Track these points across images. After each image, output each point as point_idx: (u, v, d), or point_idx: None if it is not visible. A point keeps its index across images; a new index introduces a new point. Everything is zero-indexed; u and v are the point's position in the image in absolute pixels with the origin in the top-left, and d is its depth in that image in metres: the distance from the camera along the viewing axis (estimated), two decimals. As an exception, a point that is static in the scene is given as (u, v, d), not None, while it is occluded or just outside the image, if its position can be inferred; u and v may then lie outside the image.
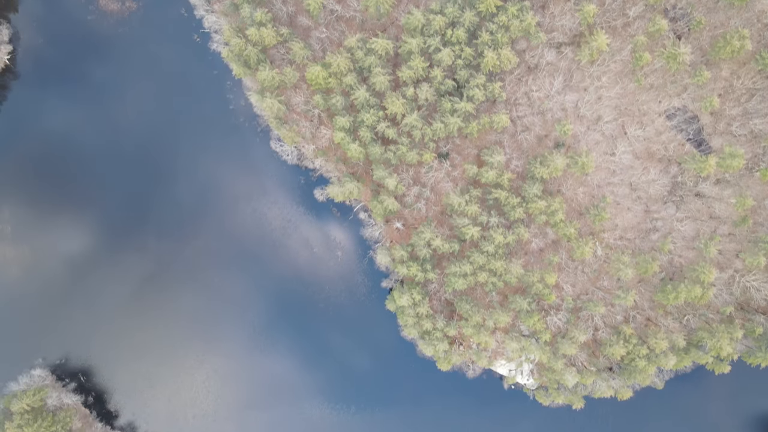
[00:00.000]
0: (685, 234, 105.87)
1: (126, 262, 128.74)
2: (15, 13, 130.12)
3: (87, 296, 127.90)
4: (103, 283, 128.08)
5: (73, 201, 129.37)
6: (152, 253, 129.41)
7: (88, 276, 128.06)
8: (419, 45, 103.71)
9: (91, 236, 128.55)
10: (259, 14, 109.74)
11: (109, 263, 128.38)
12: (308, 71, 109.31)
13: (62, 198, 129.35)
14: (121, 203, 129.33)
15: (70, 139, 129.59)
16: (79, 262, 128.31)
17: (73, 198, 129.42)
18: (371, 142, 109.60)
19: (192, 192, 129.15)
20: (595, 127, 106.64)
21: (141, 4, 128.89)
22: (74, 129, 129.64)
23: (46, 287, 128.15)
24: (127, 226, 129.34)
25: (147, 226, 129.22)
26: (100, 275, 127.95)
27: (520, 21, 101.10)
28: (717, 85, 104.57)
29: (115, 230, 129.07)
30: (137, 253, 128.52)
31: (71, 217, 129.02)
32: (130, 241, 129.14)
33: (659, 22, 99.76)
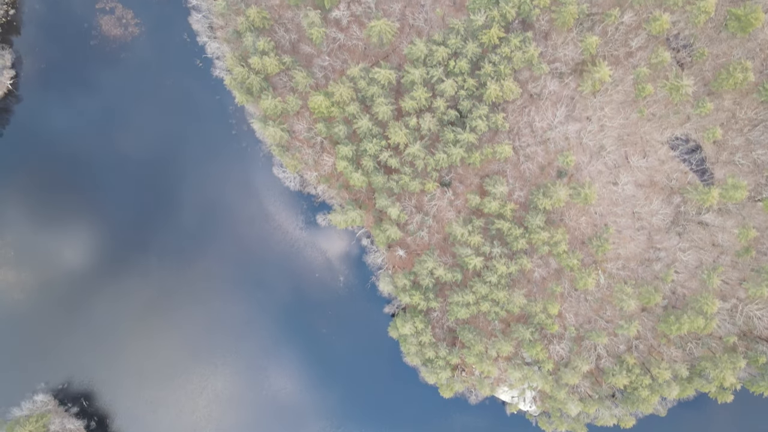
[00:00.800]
0: (688, 264, 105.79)
1: (129, 286, 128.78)
2: (18, 37, 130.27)
3: (90, 320, 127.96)
4: (105, 307, 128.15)
5: (76, 225, 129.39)
6: (155, 277, 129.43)
7: (91, 300, 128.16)
8: (422, 75, 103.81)
9: (94, 260, 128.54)
10: (262, 43, 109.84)
11: (111, 287, 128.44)
12: (311, 100, 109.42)
13: (65, 221, 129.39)
14: (124, 227, 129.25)
15: (73, 164, 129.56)
16: (82, 286, 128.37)
17: (75, 222, 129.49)
18: (374, 171, 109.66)
19: (195, 217, 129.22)
20: (598, 156, 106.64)
21: (144, 29, 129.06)
22: (77, 153, 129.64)
23: (48, 311, 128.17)
24: (129, 249, 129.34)
25: (150, 249, 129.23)
26: (102, 299, 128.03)
27: (523, 52, 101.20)
28: (720, 116, 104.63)
29: (118, 254, 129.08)
30: (140, 277, 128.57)
31: (74, 240, 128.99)
32: (133, 265, 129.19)
33: (662, 54, 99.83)
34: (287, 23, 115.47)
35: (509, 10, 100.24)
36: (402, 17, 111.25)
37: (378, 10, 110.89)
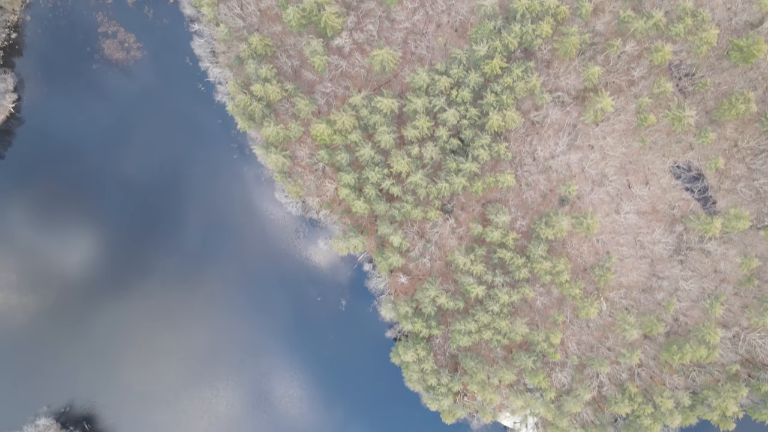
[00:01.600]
0: (691, 293, 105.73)
1: (131, 309, 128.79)
2: (20, 61, 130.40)
3: (92, 343, 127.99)
4: (108, 329, 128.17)
5: (78, 248, 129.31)
6: (157, 300, 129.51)
7: (93, 323, 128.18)
8: (424, 104, 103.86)
9: (96, 283, 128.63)
10: (264, 70, 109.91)
11: (114, 310, 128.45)
12: (313, 128, 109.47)
13: (67, 244, 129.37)
14: (126, 250, 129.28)
15: (75, 187, 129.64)
16: (84, 309, 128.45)
17: (78, 245, 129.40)
18: (376, 199, 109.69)
19: (197, 239, 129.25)
20: (600, 185, 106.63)
21: (146, 53, 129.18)
22: (79, 176, 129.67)
23: (50, 334, 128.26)
24: (132, 273, 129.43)
25: (152, 273, 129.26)
26: (105, 322, 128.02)
27: (525, 82, 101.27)
28: (722, 144, 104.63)
29: (120, 277, 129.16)
30: (142, 300, 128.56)
31: (76, 263, 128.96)
32: (135, 288, 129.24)
33: (664, 85, 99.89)
34: (289, 49, 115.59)
35: (511, 40, 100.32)
36: (404, 44, 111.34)
37: (380, 37, 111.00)
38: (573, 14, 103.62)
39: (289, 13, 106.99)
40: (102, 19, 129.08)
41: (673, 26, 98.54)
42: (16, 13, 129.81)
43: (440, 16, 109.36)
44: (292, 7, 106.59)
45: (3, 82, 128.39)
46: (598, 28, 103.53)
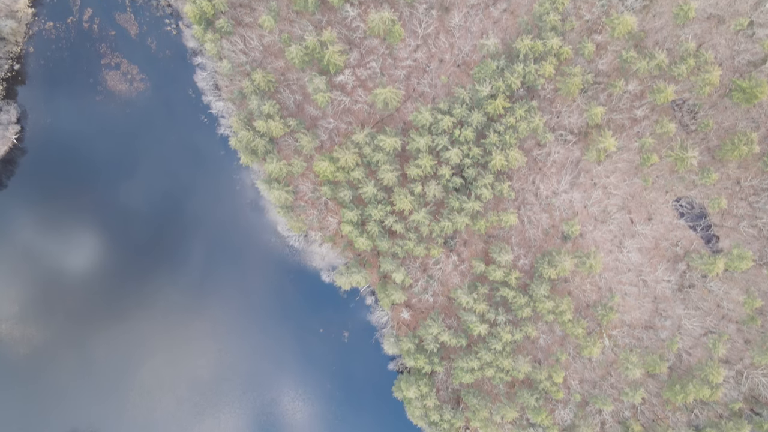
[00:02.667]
0: (694, 331, 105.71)
1: (133, 338, 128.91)
2: (23, 92, 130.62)
3: (95, 374, 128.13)
4: (110, 361, 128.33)
5: (80, 278, 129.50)
6: (160, 330, 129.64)
7: (96, 354, 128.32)
8: (427, 143, 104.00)
9: (99, 314, 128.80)
10: (267, 106, 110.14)
11: (116, 341, 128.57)
12: (316, 165, 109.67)
13: (69, 274, 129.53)
14: (129, 280, 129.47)
15: (78, 218, 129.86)
16: (87, 340, 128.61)
17: (79, 275, 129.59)
18: (379, 236, 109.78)
19: (199, 270, 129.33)
20: (603, 223, 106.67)
21: (149, 84, 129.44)
22: (81, 208, 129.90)
23: (52, 366, 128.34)
24: (134, 302, 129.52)
25: (155, 303, 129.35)
26: (107, 353, 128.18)
27: (528, 122, 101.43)
28: (725, 182, 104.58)
29: (123, 307, 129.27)
30: (144, 329, 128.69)
31: (78, 294, 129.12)
32: (138, 317, 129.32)
33: (667, 125, 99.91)
34: (292, 84, 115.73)
35: (514, 80, 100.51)
36: (407, 81, 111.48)
37: (383, 74, 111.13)
38: (576, 54, 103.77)
39: (292, 51, 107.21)
40: (105, 50, 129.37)
41: (676, 67, 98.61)
42: (18, 44, 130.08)
43: (443, 53, 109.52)
44: (295, 45, 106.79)
45: (6, 113, 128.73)
46: (601, 67, 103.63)
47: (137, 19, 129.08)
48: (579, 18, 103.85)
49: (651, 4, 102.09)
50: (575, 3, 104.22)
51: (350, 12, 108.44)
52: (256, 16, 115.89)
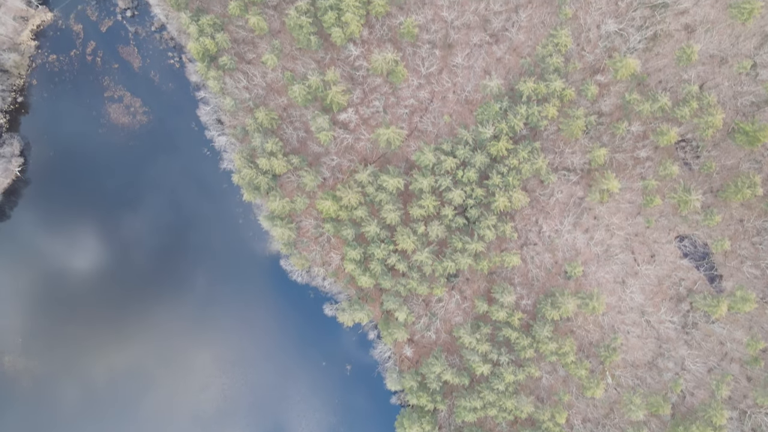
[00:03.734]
0: (697, 372, 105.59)
1: (135, 373, 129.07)
2: (26, 125, 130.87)
3: (96, 409, 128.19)
4: (110, 393, 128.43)
5: (83, 311, 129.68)
6: (162, 365, 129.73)
7: (98, 389, 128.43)
8: (430, 184, 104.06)
9: (102, 349, 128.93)
10: (270, 144, 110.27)
11: (118, 374, 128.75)
12: (319, 203, 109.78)
13: (72, 308, 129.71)
14: (130, 313, 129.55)
15: (79, 251, 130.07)
16: (90, 374, 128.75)
17: (82, 308, 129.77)
18: (382, 274, 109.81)
19: (200, 303, 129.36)
20: (606, 263, 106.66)
21: (152, 117, 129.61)
22: (83, 241, 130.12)
23: (55, 398, 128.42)
24: (135, 338, 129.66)
25: (156, 336, 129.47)
26: (110, 388, 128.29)
27: (531, 164, 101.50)
28: (728, 222, 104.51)
29: (125, 340, 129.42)
30: (146, 365, 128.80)
31: (81, 328, 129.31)
32: (140, 352, 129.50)
33: (670, 167, 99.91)
34: (295, 121, 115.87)
35: (517, 122, 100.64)
36: (410, 119, 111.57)
37: (386, 112, 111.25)
38: (578, 95, 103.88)
39: (295, 90, 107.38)
40: (108, 83, 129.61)
41: (679, 109, 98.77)
42: (22, 77, 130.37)
43: (446, 92, 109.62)
44: (298, 84, 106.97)
45: (9, 145, 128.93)
46: (604, 108, 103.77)
47: (140, 52, 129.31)
48: (581, 59, 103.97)
49: (653, 45, 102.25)
50: (578, 42, 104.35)
51: (353, 51, 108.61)
52: (258, 53, 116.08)
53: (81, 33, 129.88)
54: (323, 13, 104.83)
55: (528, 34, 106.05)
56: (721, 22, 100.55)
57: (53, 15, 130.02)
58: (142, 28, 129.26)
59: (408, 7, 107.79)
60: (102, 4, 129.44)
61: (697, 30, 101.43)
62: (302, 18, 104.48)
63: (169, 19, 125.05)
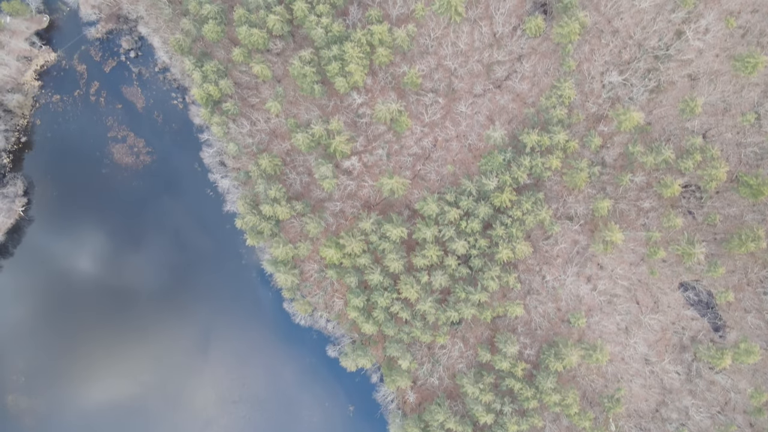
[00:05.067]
0: (701, 423, 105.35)
1: (135, 414, 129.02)
2: (30, 164, 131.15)
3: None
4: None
5: (85, 353, 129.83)
6: (164, 406, 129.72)
7: (100, 428, 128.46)
8: (433, 234, 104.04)
9: (105, 389, 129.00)
10: (273, 191, 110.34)
11: (118, 415, 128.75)
12: (322, 251, 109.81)
13: (74, 349, 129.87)
14: (131, 355, 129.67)
15: (81, 289, 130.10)
16: (91, 414, 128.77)
17: (84, 350, 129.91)
18: (385, 322, 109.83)
19: (203, 345, 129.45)
20: (609, 314, 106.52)
21: (155, 157, 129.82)
22: (85, 279, 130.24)
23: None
24: (136, 380, 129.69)
25: (157, 378, 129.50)
26: (111, 427, 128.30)
27: (535, 215, 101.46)
28: (732, 275, 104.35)
29: (125, 384, 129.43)
30: (147, 408, 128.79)
31: (84, 368, 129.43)
32: (141, 394, 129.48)
33: (673, 220, 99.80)
34: (298, 166, 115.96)
35: (521, 174, 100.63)
36: (413, 167, 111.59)
37: (389, 159, 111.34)
38: (582, 146, 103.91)
39: (298, 139, 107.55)
40: (112, 123, 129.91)
41: (683, 161, 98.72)
42: (26, 117, 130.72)
43: (449, 140, 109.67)
44: (301, 133, 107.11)
45: (13, 185, 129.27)
46: (607, 159, 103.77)
47: (144, 92, 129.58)
48: (585, 110, 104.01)
49: (656, 97, 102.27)
50: (581, 91, 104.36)
51: (356, 98, 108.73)
52: (262, 97, 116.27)
53: (85, 73, 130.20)
54: (327, 63, 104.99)
55: (532, 84, 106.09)
56: (725, 73, 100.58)
57: (57, 55, 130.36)
58: (145, 69, 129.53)
59: (411, 55, 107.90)
60: (106, 44, 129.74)
61: (700, 80, 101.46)
62: (306, 68, 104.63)
63: (173, 60, 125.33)
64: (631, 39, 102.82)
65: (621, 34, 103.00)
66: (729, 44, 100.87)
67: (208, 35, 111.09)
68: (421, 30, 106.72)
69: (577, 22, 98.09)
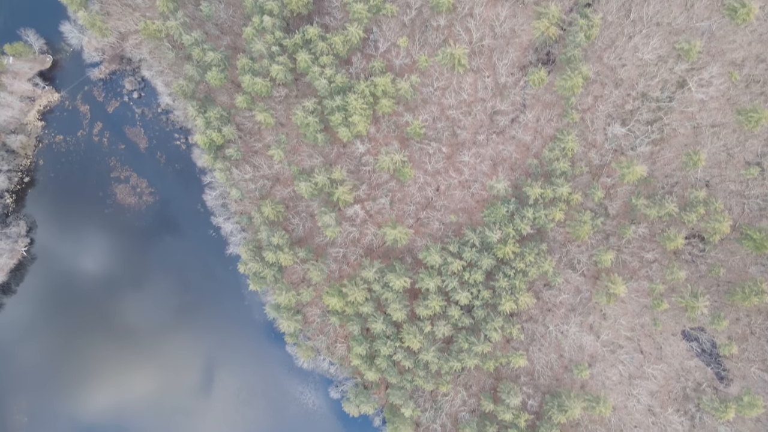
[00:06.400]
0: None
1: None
2: (33, 205, 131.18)
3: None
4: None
5: (87, 394, 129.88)
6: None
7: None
8: (437, 285, 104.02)
9: (106, 429, 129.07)
10: (276, 238, 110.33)
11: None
12: (325, 298, 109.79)
13: (76, 390, 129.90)
14: (135, 396, 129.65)
15: (83, 332, 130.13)
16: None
17: (86, 391, 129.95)
18: (388, 369, 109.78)
19: (206, 386, 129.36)
20: (613, 363, 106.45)
21: (158, 198, 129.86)
22: (90, 318, 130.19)
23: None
24: (140, 422, 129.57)
25: (161, 421, 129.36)
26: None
27: (538, 267, 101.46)
28: (737, 323, 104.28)
29: (128, 424, 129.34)
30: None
31: (86, 411, 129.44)
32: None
33: (677, 273, 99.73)
34: (301, 212, 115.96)
35: (524, 226, 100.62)
36: (416, 216, 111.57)
37: (392, 208, 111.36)
38: (585, 197, 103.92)
39: (301, 187, 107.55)
40: (115, 163, 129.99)
41: (686, 214, 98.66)
42: (29, 157, 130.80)
43: (452, 189, 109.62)
44: (304, 182, 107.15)
45: (16, 226, 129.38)
46: (611, 210, 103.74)
47: (147, 133, 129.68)
48: (588, 161, 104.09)
49: (659, 149, 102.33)
50: (584, 141, 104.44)
51: (360, 147, 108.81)
52: (265, 142, 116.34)
53: (88, 113, 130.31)
54: (330, 113, 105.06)
55: (535, 133, 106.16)
56: (729, 125, 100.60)
57: (60, 96, 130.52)
58: (148, 109, 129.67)
59: (415, 105, 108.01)
60: (109, 85, 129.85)
61: (704, 132, 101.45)
62: (309, 117, 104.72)
63: (176, 102, 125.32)
64: (634, 90, 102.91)
65: (624, 85, 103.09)
66: (733, 93, 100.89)
67: (212, 81, 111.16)
68: (424, 80, 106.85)
69: (580, 76, 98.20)
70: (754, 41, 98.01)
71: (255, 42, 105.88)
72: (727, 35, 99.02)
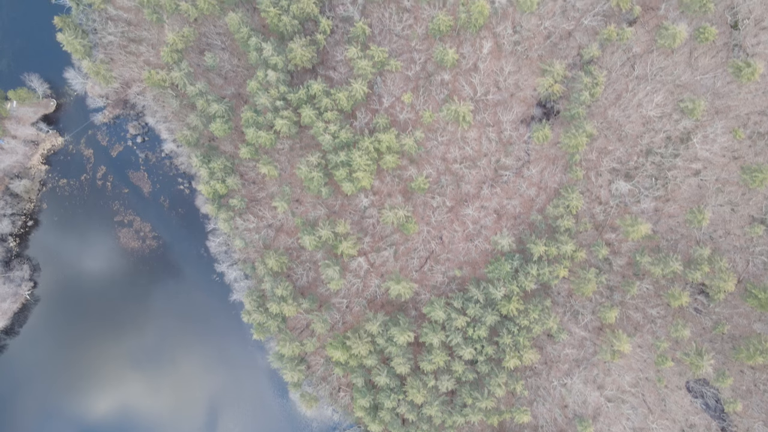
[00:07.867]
0: None
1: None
2: (36, 248, 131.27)
3: None
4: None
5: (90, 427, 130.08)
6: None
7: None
8: (441, 339, 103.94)
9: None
10: (280, 289, 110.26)
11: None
12: (329, 350, 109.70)
13: (79, 420, 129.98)
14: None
15: (85, 375, 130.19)
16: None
17: (90, 425, 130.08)
18: (392, 422, 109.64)
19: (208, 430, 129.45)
20: (617, 418, 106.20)
21: (161, 242, 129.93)
22: (93, 361, 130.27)
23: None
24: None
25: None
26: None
27: (542, 323, 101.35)
28: (742, 379, 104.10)
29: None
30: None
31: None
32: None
33: (681, 330, 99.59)
34: (305, 262, 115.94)
35: (528, 283, 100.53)
36: (420, 268, 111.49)
37: (396, 261, 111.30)
38: (589, 254, 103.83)
39: (305, 240, 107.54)
40: (118, 207, 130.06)
41: (690, 272, 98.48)
42: (32, 201, 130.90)
43: (456, 243, 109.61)
44: (308, 235, 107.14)
45: (19, 270, 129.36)
46: (615, 267, 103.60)
47: (150, 177, 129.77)
48: (592, 218, 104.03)
49: (663, 205, 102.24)
50: (589, 197, 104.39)
51: (364, 201, 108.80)
52: (269, 192, 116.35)
53: (91, 158, 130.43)
54: (334, 167, 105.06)
55: (539, 188, 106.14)
56: (733, 182, 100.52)
57: (64, 140, 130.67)
58: (152, 154, 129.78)
59: (419, 158, 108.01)
60: (112, 129, 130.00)
61: (708, 188, 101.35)
62: (313, 172, 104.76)
63: (180, 149, 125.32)
64: (638, 145, 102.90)
65: (628, 141, 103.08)
66: (737, 148, 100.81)
67: (216, 132, 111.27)
68: (428, 134, 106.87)
69: (584, 134, 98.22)
70: (759, 96, 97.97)
71: (259, 96, 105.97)
72: (732, 92, 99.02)
